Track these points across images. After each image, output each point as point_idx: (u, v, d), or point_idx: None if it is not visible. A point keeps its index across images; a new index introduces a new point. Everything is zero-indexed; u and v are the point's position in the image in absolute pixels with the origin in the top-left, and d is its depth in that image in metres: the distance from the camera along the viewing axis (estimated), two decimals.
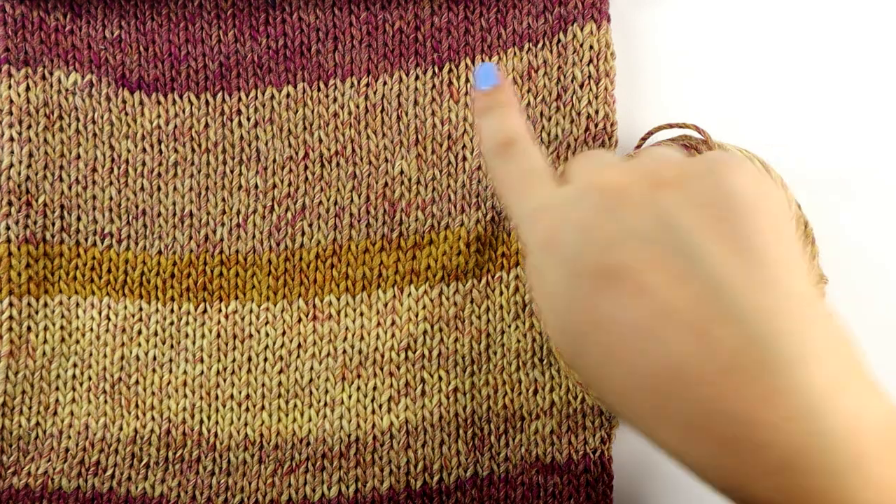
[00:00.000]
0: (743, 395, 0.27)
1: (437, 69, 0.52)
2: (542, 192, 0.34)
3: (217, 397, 0.52)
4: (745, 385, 0.27)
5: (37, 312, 0.52)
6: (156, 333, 0.52)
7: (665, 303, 0.29)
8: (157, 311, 0.52)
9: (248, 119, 0.52)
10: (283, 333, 0.52)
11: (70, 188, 0.52)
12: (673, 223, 0.30)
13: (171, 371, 0.52)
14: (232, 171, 0.53)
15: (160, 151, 0.53)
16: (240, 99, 0.52)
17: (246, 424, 0.51)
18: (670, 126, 0.49)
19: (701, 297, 0.29)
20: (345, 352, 0.52)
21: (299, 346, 0.52)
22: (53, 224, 0.52)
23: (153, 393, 0.52)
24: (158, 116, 0.52)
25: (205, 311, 0.52)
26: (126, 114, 0.52)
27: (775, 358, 0.27)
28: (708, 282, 0.29)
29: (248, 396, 0.52)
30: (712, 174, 0.31)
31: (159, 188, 0.52)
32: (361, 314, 0.52)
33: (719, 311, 0.28)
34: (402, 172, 0.52)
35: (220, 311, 0.52)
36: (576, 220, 0.31)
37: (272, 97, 0.52)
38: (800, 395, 0.27)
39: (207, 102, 0.53)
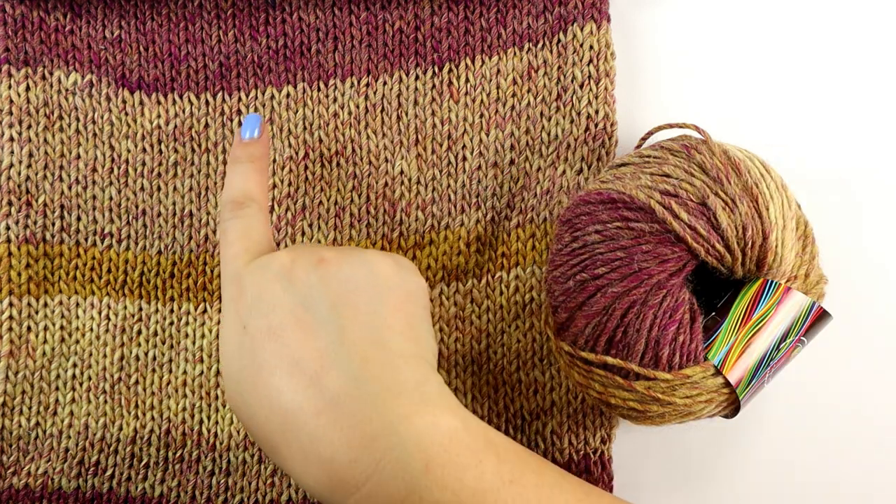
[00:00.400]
0: (340, 424, 0.36)
1: (437, 69, 0.52)
2: (245, 257, 0.42)
3: (217, 397, 0.52)
4: (342, 416, 0.36)
5: (37, 312, 0.52)
6: (156, 333, 0.52)
7: (298, 354, 0.38)
8: (156, 311, 0.52)
9: None
10: None
11: (70, 188, 0.52)
12: (318, 292, 0.39)
13: (170, 371, 0.52)
14: None
15: (160, 151, 0.53)
16: (240, 99, 0.52)
17: None
18: (670, 126, 0.49)
19: (324, 351, 0.38)
20: None
21: None
22: (53, 224, 0.52)
23: (153, 393, 0.52)
24: (158, 116, 0.53)
25: (205, 311, 0.52)
26: (126, 114, 0.52)
27: (366, 393, 0.36)
28: (332, 340, 0.38)
29: None
30: (359, 257, 0.41)
31: (159, 188, 0.52)
32: None
33: (334, 361, 0.37)
34: (402, 172, 0.52)
35: (220, 311, 0.52)
36: (254, 286, 0.40)
37: (272, 97, 0.52)
38: (382, 419, 0.36)
39: (207, 102, 0.53)
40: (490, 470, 0.36)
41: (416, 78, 0.52)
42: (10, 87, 0.51)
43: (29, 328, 0.52)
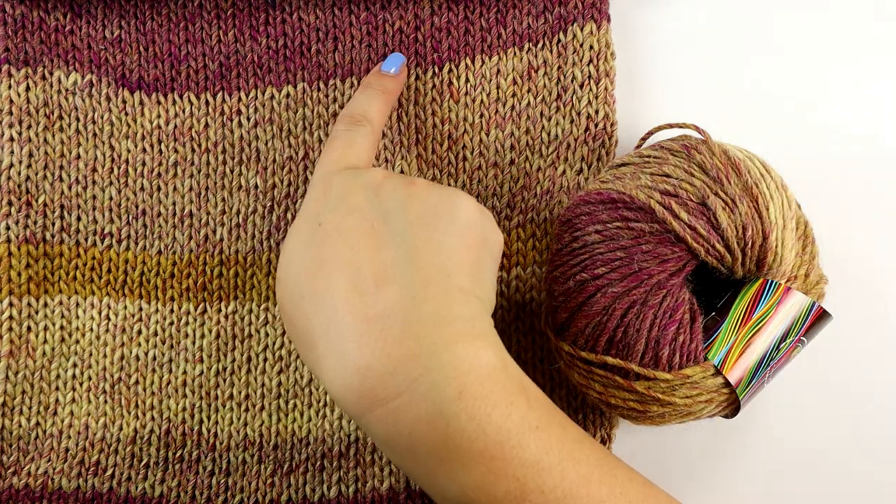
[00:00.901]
0: (385, 335, 0.36)
1: (437, 69, 0.52)
2: (342, 164, 0.43)
3: (217, 397, 0.52)
4: (390, 328, 0.36)
5: (37, 312, 0.52)
6: (156, 333, 0.52)
7: (364, 261, 0.38)
8: (156, 311, 0.52)
9: (248, 119, 0.52)
10: (283, 334, 0.52)
11: (70, 188, 0.52)
12: (400, 209, 0.40)
13: (170, 371, 0.52)
14: (232, 172, 0.53)
15: (160, 151, 0.53)
16: (240, 99, 0.52)
17: (245, 424, 0.51)
18: (670, 126, 0.49)
19: (391, 264, 0.38)
20: None
21: None
22: (53, 224, 0.52)
23: (153, 393, 0.52)
24: (158, 116, 0.52)
25: (204, 311, 0.52)
26: (126, 114, 0.52)
27: (420, 313, 0.37)
28: (401, 255, 0.38)
29: (247, 397, 0.52)
30: (450, 192, 0.42)
31: (159, 188, 0.52)
32: None
33: (397, 275, 0.38)
34: (402, 172, 0.52)
35: (219, 311, 0.52)
36: (341, 189, 0.41)
37: (272, 97, 0.52)
38: (428, 340, 0.36)
39: (207, 102, 0.53)
40: (519, 413, 0.36)
41: (417, 78, 0.52)
42: (10, 87, 0.51)
43: (29, 328, 0.52)
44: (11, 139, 0.52)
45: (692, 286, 0.45)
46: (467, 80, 0.52)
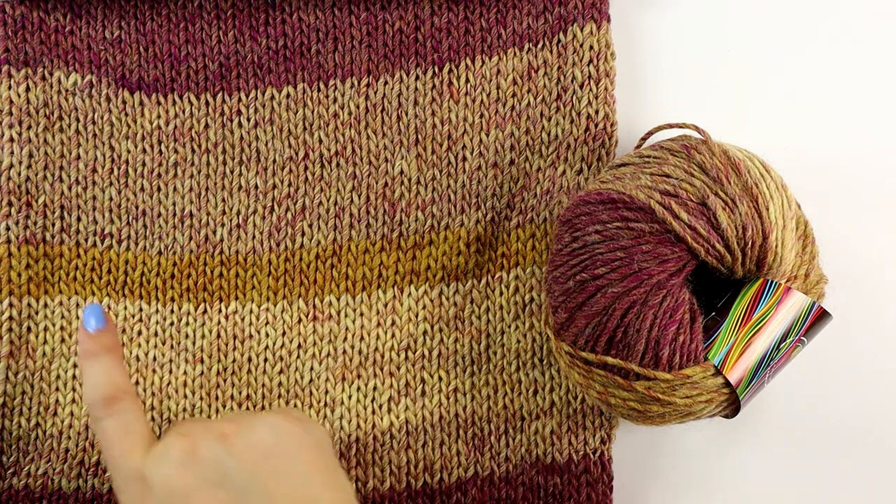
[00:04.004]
0: None
1: (437, 69, 0.52)
2: (137, 452, 0.40)
3: (217, 398, 0.52)
4: None
5: (37, 313, 0.52)
6: (156, 334, 0.52)
7: None
8: (157, 311, 0.52)
9: (248, 119, 0.52)
10: (283, 334, 0.52)
11: (70, 189, 0.52)
12: (230, 467, 0.39)
13: (171, 371, 0.52)
14: (232, 172, 0.53)
15: (160, 152, 0.52)
16: (240, 99, 0.52)
17: None
18: (670, 126, 0.49)
19: None
20: (345, 352, 0.52)
21: (299, 346, 0.52)
22: (53, 224, 0.52)
23: (153, 393, 0.52)
24: (158, 117, 0.52)
25: (205, 311, 0.52)
26: (126, 114, 0.52)
27: None
28: None
29: (248, 397, 0.52)
30: (260, 422, 0.41)
31: (159, 189, 0.52)
32: (361, 314, 0.52)
33: None
34: (402, 172, 0.52)
35: (220, 311, 0.52)
36: (160, 478, 0.39)
37: (272, 97, 0.52)
38: None
39: (207, 103, 0.53)
40: None
41: (416, 78, 0.52)
42: (10, 87, 0.51)
43: (29, 328, 0.52)
44: (11, 139, 0.52)
45: (692, 286, 0.45)
46: (467, 80, 0.52)
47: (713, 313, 0.45)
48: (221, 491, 0.38)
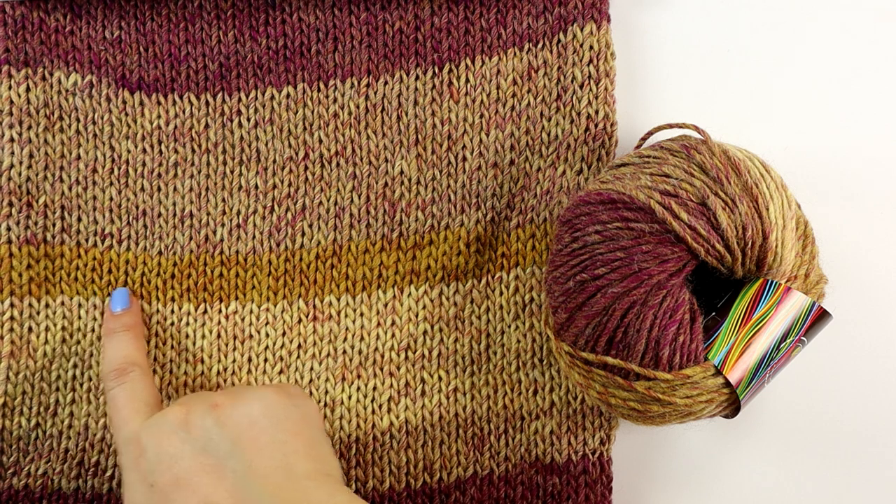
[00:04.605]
0: None
1: (437, 69, 0.52)
2: (138, 419, 0.44)
3: None
4: None
5: (38, 313, 0.52)
6: (156, 334, 0.52)
7: (210, 498, 0.40)
8: (157, 311, 0.52)
9: (248, 119, 0.52)
10: (284, 334, 0.52)
11: (70, 189, 0.52)
12: (217, 435, 0.42)
13: (171, 372, 0.52)
14: (232, 172, 0.53)
15: (160, 152, 0.53)
16: (240, 99, 0.52)
17: None
18: (670, 126, 0.49)
19: (235, 488, 0.40)
20: (345, 352, 0.52)
21: (299, 346, 0.52)
22: (54, 225, 0.52)
23: None
24: (158, 117, 0.53)
25: (205, 311, 0.52)
26: (126, 114, 0.52)
27: None
28: (240, 476, 0.40)
29: None
30: (250, 394, 0.44)
31: (159, 189, 0.53)
32: (361, 314, 0.52)
33: (247, 495, 0.40)
34: (402, 172, 0.52)
35: (220, 311, 0.52)
36: (153, 443, 0.42)
37: (272, 98, 0.52)
38: None
39: (207, 103, 0.53)
40: None
41: (416, 78, 0.52)
42: (10, 87, 0.52)
43: (30, 329, 0.52)
44: (12, 140, 0.52)
45: (692, 286, 0.45)
46: (467, 80, 0.52)
47: (713, 313, 0.45)
48: (206, 457, 0.41)
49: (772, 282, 0.44)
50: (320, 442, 0.44)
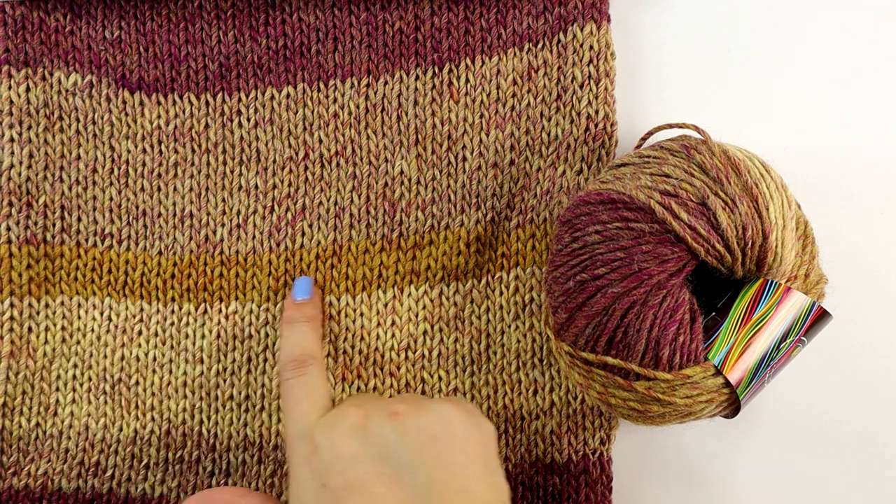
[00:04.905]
0: None
1: (437, 69, 0.52)
2: (313, 414, 0.44)
3: (217, 398, 0.52)
4: None
5: (38, 313, 0.52)
6: (156, 334, 0.52)
7: None
8: (157, 311, 0.52)
9: (248, 119, 0.52)
10: None
11: (70, 189, 0.52)
12: (397, 445, 0.40)
13: (171, 372, 0.52)
14: (232, 172, 0.53)
15: (160, 152, 0.53)
16: (240, 99, 0.52)
17: (245, 425, 0.51)
18: (670, 126, 0.49)
19: (412, 501, 0.39)
20: (345, 352, 0.52)
21: None
22: (54, 225, 0.52)
23: (153, 394, 0.52)
24: (158, 117, 0.53)
25: (205, 311, 0.52)
26: (126, 114, 0.52)
27: None
28: (420, 490, 0.39)
29: (247, 397, 0.52)
30: (433, 408, 0.42)
31: (159, 189, 0.53)
32: (361, 314, 0.52)
33: None
34: (402, 172, 0.52)
35: (220, 311, 0.52)
36: (328, 442, 0.41)
37: (272, 98, 0.52)
38: None
39: (207, 103, 0.53)
40: None
41: (416, 78, 0.52)
42: (10, 87, 0.52)
43: (30, 329, 0.52)
44: (12, 140, 0.52)
45: (692, 286, 0.45)
46: (467, 80, 0.52)
47: (713, 313, 0.45)
48: (383, 465, 0.40)
49: (772, 282, 0.44)
50: (497, 468, 0.42)
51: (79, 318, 0.52)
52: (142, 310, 0.52)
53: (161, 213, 0.52)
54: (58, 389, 0.52)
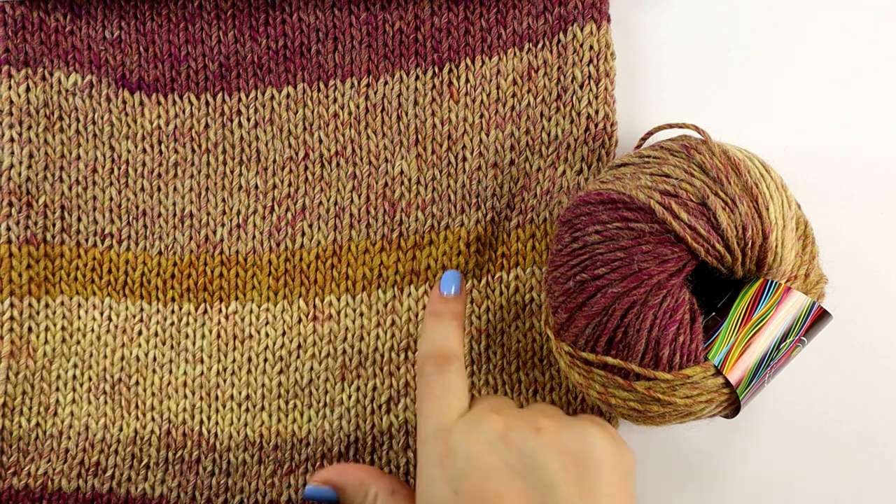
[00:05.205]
0: None
1: (437, 69, 0.52)
2: (451, 414, 0.42)
3: (217, 398, 0.52)
4: None
5: (38, 313, 0.52)
6: (156, 334, 0.52)
7: None
8: (157, 311, 0.52)
9: (248, 119, 0.52)
10: (283, 334, 0.52)
11: (70, 189, 0.52)
12: (539, 462, 0.39)
13: (171, 372, 0.52)
14: (232, 172, 0.53)
15: (160, 152, 0.53)
16: (240, 99, 0.52)
17: (246, 425, 0.51)
18: (670, 126, 0.49)
19: None
20: (345, 352, 0.52)
21: (299, 346, 0.52)
22: (54, 225, 0.52)
23: (153, 393, 0.52)
24: (158, 117, 0.53)
25: (205, 311, 0.52)
26: (126, 114, 0.52)
27: None
28: None
29: (248, 397, 0.52)
30: (579, 429, 0.40)
31: (159, 189, 0.53)
32: (361, 314, 0.52)
33: None
34: (402, 172, 0.52)
35: (220, 311, 0.52)
36: (466, 448, 0.40)
37: (272, 98, 0.52)
38: None
39: (207, 103, 0.53)
40: None
41: (416, 78, 0.52)
42: (10, 87, 0.52)
43: (30, 329, 0.52)
44: (12, 140, 0.52)
45: (692, 286, 0.45)
46: (467, 80, 0.52)
47: (713, 313, 0.45)
48: (522, 481, 0.39)
49: (772, 282, 0.44)
50: (634, 501, 0.41)
51: (79, 318, 0.52)
52: (142, 310, 0.52)
53: (161, 213, 0.52)
54: (58, 389, 0.52)
